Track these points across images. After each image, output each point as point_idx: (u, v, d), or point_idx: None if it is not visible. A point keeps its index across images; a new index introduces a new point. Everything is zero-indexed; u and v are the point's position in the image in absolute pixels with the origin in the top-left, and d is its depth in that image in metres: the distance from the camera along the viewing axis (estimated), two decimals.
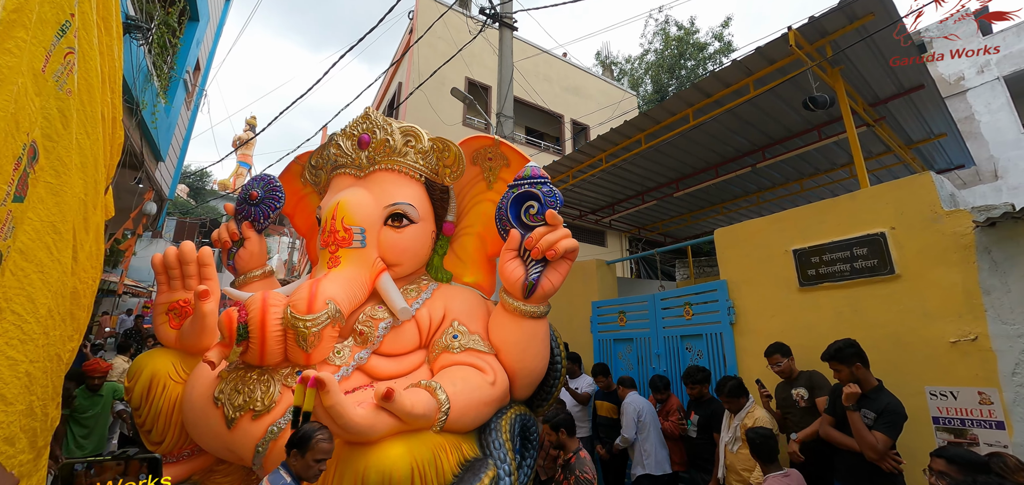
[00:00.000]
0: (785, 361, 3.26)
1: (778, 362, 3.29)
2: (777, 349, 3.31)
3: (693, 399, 3.82)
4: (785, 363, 3.26)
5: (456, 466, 2.43)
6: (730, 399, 3.26)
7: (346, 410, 2.06)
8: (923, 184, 3.06)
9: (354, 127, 3.59)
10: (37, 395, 1.32)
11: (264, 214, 3.70)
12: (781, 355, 3.28)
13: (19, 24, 1.13)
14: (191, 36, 6.90)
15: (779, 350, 3.30)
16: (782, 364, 3.27)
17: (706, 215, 8.94)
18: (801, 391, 3.18)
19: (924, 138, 6.18)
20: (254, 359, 2.58)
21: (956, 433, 2.72)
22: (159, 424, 2.80)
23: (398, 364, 2.96)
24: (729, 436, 3.26)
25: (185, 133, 8.06)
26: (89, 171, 1.55)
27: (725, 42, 19.73)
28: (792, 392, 3.22)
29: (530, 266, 2.92)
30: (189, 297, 3.11)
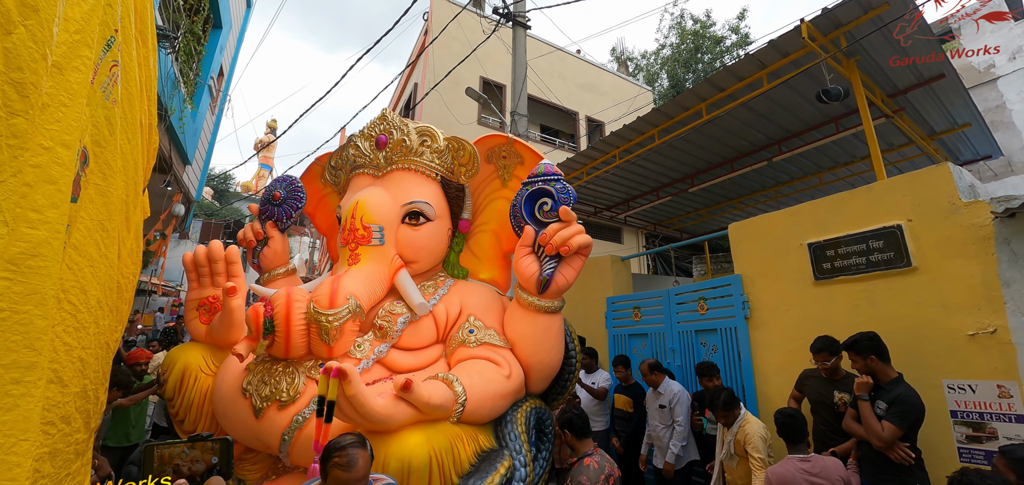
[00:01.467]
0: (834, 359, 3.05)
1: (826, 359, 3.06)
2: (826, 347, 3.07)
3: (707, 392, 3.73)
4: (834, 361, 3.04)
5: (473, 456, 2.51)
6: (724, 412, 3.13)
7: (367, 400, 2.15)
8: (941, 175, 3.03)
9: (372, 128, 3.68)
10: (90, 379, 1.45)
11: (287, 214, 3.84)
12: (829, 353, 3.06)
13: (83, 43, 1.24)
14: (215, 43, 7.13)
15: (828, 348, 3.07)
16: (830, 363, 3.05)
17: (722, 210, 8.87)
18: (845, 396, 2.98)
19: (948, 128, 6.04)
20: (280, 352, 2.70)
21: (974, 427, 2.70)
22: (191, 414, 2.95)
23: (416, 358, 3.05)
24: (724, 452, 3.17)
25: (210, 137, 8.33)
26: (130, 174, 1.67)
27: (742, 35, 19.45)
28: (835, 393, 3.04)
29: (544, 262, 2.98)
30: (218, 294, 3.26)
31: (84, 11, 1.26)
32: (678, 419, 3.81)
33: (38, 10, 1.09)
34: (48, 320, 1.16)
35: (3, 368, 1.05)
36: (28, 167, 1.10)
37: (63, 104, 1.18)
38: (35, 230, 1.13)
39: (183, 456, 1.24)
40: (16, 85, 1.10)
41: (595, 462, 2.65)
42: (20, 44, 1.07)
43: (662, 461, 3.88)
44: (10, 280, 1.08)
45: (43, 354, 1.14)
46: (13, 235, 1.07)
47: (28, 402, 1.11)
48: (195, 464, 1.24)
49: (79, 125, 1.23)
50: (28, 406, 1.12)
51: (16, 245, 1.08)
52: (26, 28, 1.09)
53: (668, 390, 3.93)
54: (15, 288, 1.09)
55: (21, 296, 1.09)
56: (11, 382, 1.06)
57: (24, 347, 1.10)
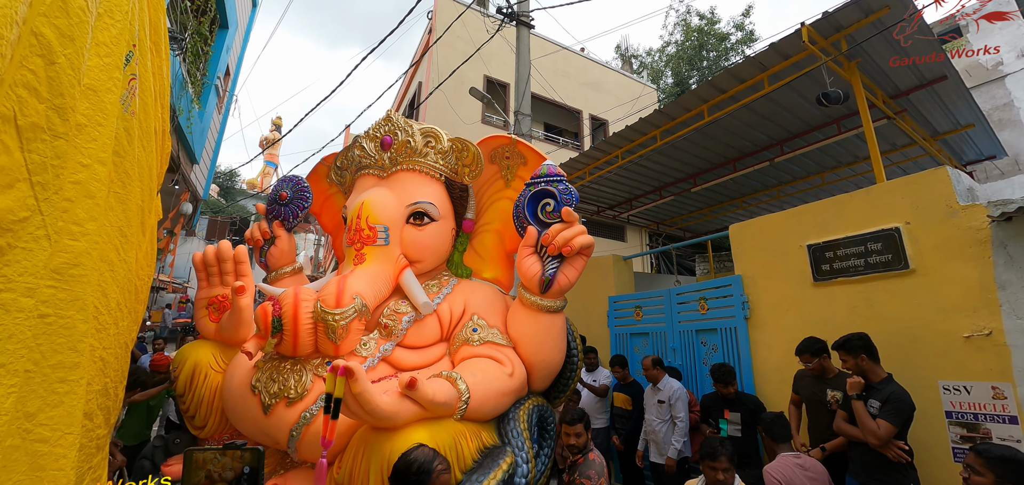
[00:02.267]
0: (816, 360, 3.13)
1: (808, 361, 3.16)
2: (807, 349, 3.17)
3: (726, 397, 3.65)
4: (816, 363, 3.13)
5: (476, 452, 2.56)
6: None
7: (373, 397, 2.20)
8: (939, 178, 3.06)
9: (377, 129, 3.73)
10: (110, 377, 1.52)
11: (293, 214, 3.90)
12: (811, 355, 3.15)
13: (114, 66, 1.31)
14: (221, 43, 7.20)
15: (809, 350, 3.16)
16: (812, 364, 3.15)
17: (725, 210, 8.89)
18: (837, 394, 3.04)
19: (951, 129, 6.04)
20: (287, 350, 2.76)
21: (969, 428, 2.74)
22: (202, 410, 3.02)
23: (421, 356, 3.11)
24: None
25: (217, 136, 8.42)
26: (145, 180, 1.73)
27: (747, 32, 19.39)
28: (827, 392, 3.10)
29: (547, 262, 3.03)
30: (227, 293, 3.33)
31: (113, 35, 1.33)
32: (679, 415, 3.86)
33: (74, 39, 1.16)
34: (89, 324, 1.24)
35: (50, 368, 1.13)
36: (68, 184, 1.17)
37: (99, 124, 1.26)
38: (76, 242, 1.20)
39: (214, 461, 1.30)
40: (58, 110, 1.18)
41: (597, 455, 2.76)
42: (61, 72, 1.15)
43: (658, 456, 3.94)
44: (55, 288, 1.16)
45: (84, 355, 1.22)
46: (56, 247, 1.15)
47: (72, 399, 1.19)
48: (225, 471, 1.29)
49: (112, 142, 1.31)
50: (72, 403, 1.21)
51: (59, 256, 1.16)
52: (66, 57, 1.16)
53: (667, 386, 3.99)
54: (59, 295, 1.17)
55: (65, 303, 1.17)
56: (57, 381, 1.15)
57: (68, 349, 1.18)
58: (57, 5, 1.11)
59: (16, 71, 1.04)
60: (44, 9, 1.09)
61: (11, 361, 1.06)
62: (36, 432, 1.12)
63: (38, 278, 1.13)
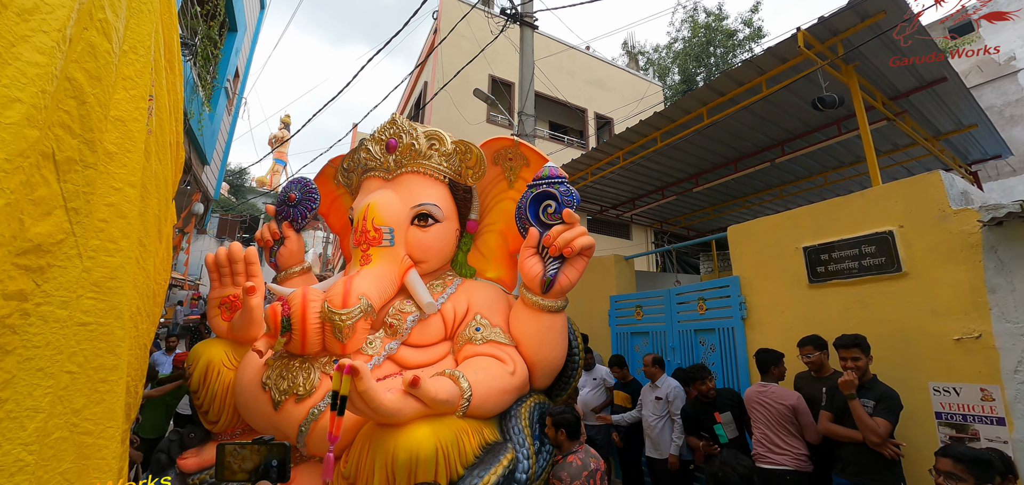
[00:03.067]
0: (817, 354, 3.20)
1: (809, 354, 3.22)
2: (810, 341, 3.24)
3: (708, 399, 3.64)
4: (817, 356, 3.20)
5: (478, 448, 2.64)
6: None
7: (377, 395, 2.30)
8: (932, 182, 3.11)
9: (382, 132, 3.82)
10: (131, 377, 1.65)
11: (302, 214, 4.01)
12: (814, 348, 3.22)
13: (140, 97, 1.45)
14: (230, 46, 7.33)
15: (812, 342, 3.23)
16: (813, 357, 3.21)
17: (728, 209, 8.93)
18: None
19: (953, 129, 6.05)
20: (296, 349, 2.87)
21: (958, 428, 2.80)
22: (215, 406, 3.14)
23: (425, 354, 3.20)
24: None
25: (227, 137, 8.58)
26: (161, 191, 1.85)
27: (755, 28, 19.28)
28: (821, 389, 3.14)
29: (548, 263, 3.10)
30: (238, 292, 3.45)
31: (137, 69, 1.46)
32: (677, 412, 3.94)
33: (101, 79, 1.30)
34: (125, 330, 1.38)
35: (93, 370, 1.27)
36: (102, 206, 1.31)
37: (127, 151, 1.39)
38: (112, 257, 1.35)
39: (234, 453, 1.39)
40: (89, 143, 1.31)
41: (578, 459, 2.73)
42: (91, 110, 1.29)
43: (654, 451, 4.04)
44: (95, 299, 1.30)
45: (122, 358, 1.37)
46: (95, 263, 1.29)
47: (112, 397, 1.34)
48: (245, 462, 1.38)
49: (140, 167, 1.43)
50: (112, 401, 1.36)
51: (98, 271, 1.30)
52: (94, 96, 1.30)
53: (665, 384, 4.07)
54: (99, 306, 1.32)
55: (104, 312, 1.31)
56: (99, 381, 1.29)
57: (108, 353, 1.33)
58: (86, 51, 1.24)
59: (54, 113, 1.17)
60: (75, 56, 1.22)
61: (48, 365, 1.20)
62: (82, 425, 1.26)
63: (72, 292, 1.26)
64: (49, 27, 1.16)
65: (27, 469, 1.12)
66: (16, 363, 1.14)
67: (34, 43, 1.13)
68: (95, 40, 1.27)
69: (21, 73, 1.11)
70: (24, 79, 1.10)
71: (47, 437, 1.17)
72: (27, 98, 1.11)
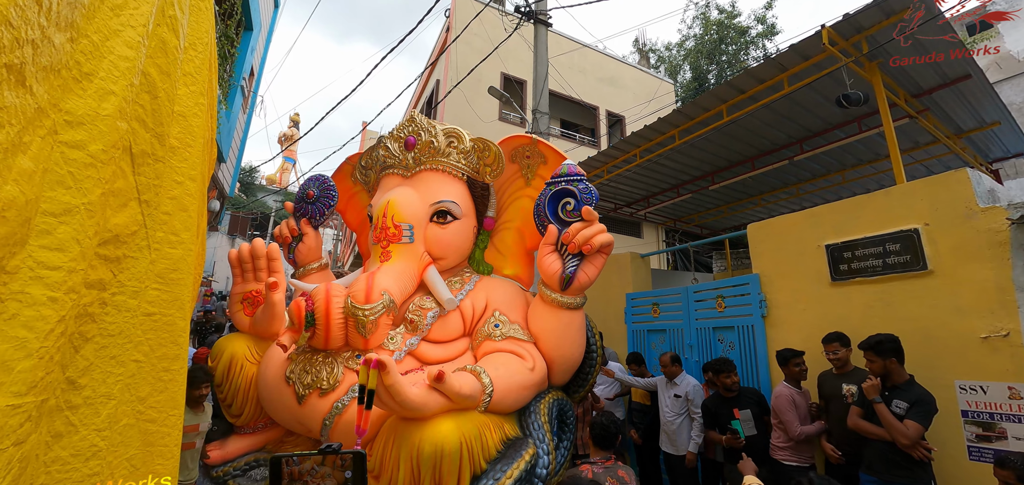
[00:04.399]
0: (843, 351, 3.20)
1: (836, 350, 3.22)
2: (836, 338, 3.24)
3: (730, 394, 3.67)
4: (843, 353, 3.20)
5: (499, 443, 2.66)
6: None
7: (404, 390, 2.32)
8: (958, 180, 3.07)
9: (401, 130, 3.84)
10: None
11: (320, 211, 4.05)
12: (840, 344, 3.21)
13: (200, 93, 1.49)
14: (246, 45, 7.40)
15: (838, 339, 3.23)
16: (839, 354, 3.20)
17: (743, 207, 8.86)
18: (851, 387, 3.11)
19: (976, 127, 5.95)
20: (320, 343, 2.90)
21: (984, 427, 2.77)
22: (238, 399, 3.19)
23: (445, 350, 3.23)
24: None
25: (242, 135, 8.67)
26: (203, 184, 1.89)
27: (768, 25, 19.09)
28: (842, 386, 3.17)
29: (567, 260, 3.10)
30: (260, 288, 3.49)
31: (197, 65, 1.50)
32: (696, 410, 3.94)
33: (170, 74, 1.34)
34: (185, 321, 1.42)
35: (157, 359, 1.32)
36: (166, 199, 1.35)
37: (188, 145, 1.43)
38: (174, 250, 1.40)
39: (312, 473, 1.27)
40: (159, 137, 1.36)
41: (591, 472, 2.61)
42: (161, 105, 1.33)
43: (671, 447, 4.06)
44: (159, 290, 1.35)
45: (183, 348, 1.40)
46: (159, 255, 1.33)
47: (174, 386, 1.40)
48: (325, 480, 1.26)
49: (202, 161, 1.47)
50: (174, 389, 1.42)
51: (161, 262, 1.34)
52: (164, 91, 1.35)
53: (684, 382, 4.07)
54: (163, 297, 1.37)
55: (167, 303, 1.36)
56: (162, 370, 1.33)
57: (170, 343, 1.38)
58: (158, 46, 1.28)
59: (131, 107, 1.20)
60: (150, 51, 1.26)
61: (120, 353, 1.24)
62: (147, 413, 1.30)
63: (141, 282, 1.30)
64: (136, 22, 1.20)
65: (100, 454, 1.16)
66: (94, 351, 1.18)
67: (124, 37, 1.18)
68: (166, 36, 1.30)
69: (114, 66, 1.15)
70: (117, 73, 1.14)
71: (116, 423, 1.21)
72: (119, 91, 1.16)
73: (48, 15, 0.91)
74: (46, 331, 1.00)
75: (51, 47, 0.95)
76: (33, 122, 0.93)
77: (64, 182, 1.05)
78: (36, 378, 0.98)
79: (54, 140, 1.03)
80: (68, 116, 1.06)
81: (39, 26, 0.89)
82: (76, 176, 1.07)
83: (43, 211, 1.01)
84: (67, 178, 1.06)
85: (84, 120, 1.09)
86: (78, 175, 1.08)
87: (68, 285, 1.05)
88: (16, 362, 0.93)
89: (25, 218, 0.95)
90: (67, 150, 1.06)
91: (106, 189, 1.15)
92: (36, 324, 0.98)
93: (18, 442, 0.94)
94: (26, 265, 0.97)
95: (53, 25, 0.92)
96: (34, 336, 0.97)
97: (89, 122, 1.10)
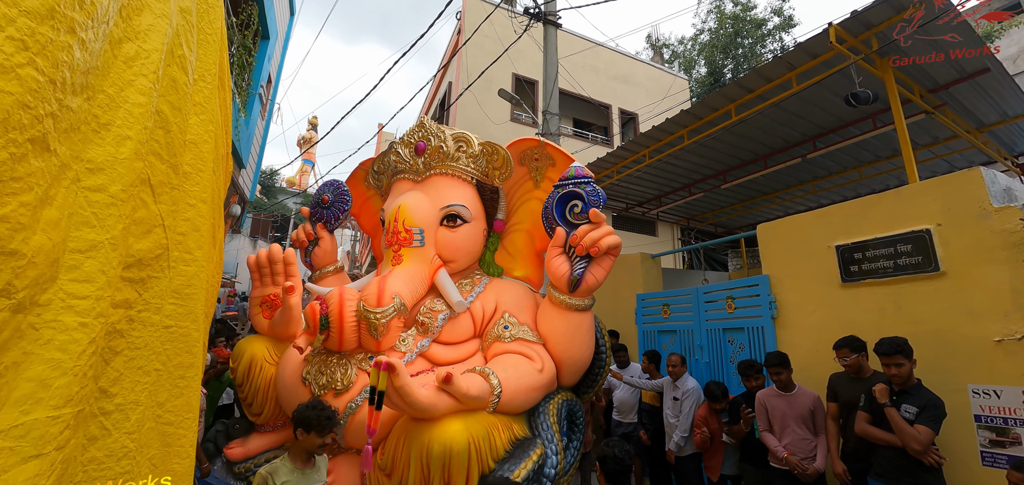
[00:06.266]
0: (854, 357, 3.09)
1: (846, 356, 3.12)
2: (847, 344, 3.13)
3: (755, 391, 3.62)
4: (854, 359, 3.09)
5: (507, 443, 2.72)
6: None
7: (413, 391, 2.40)
8: (971, 180, 3.03)
9: (411, 135, 3.92)
10: None
11: (335, 216, 4.17)
12: (850, 350, 3.11)
13: (210, 121, 1.62)
14: (263, 53, 7.59)
15: (849, 345, 3.13)
16: (850, 360, 3.10)
17: (757, 205, 8.76)
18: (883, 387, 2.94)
19: (998, 121, 5.80)
20: (334, 345, 3.00)
21: (998, 432, 2.72)
22: (258, 399, 3.31)
23: (455, 351, 3.30)
24: None
25: (261, 141, 8.89)
26: (217, 201, 2.00)
27: (785, 17, 18.70)
28: (860, 392, 3.03)
29: (575, 262, 3.14)
30: (278, 292, 3.61)
31: (206, 95, 1.62)
32: (683, 412, 4.02)
33: (181, 109, 1.48)
34: (199, 332, 1.54)
35: (174, 368, 1.44)
36: (181, 221, 1.48)
37: (200, 171, 1.55)
38: (189, 267, 1.54)
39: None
40: (173, 167, 1.50)
41: None
42: (174, 137, 1.49)
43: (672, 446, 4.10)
44: (175, 305, 1.48)
45: (198, 357, 1.53)
46: (175, 272, 1.46)
47: (190, 392, 1.53)
48: None
49: (210, 183, 1.58)
50: (190, 394, 1.56)
51: (177, 279, 1.47)
52: (176, 124, 1.50)
53: (684, 384, 4.13)
54: (179, 310, 1.50)
55: (183, 316, 1.48)
56: (179, 377, 1.46)
57: (186, 352, 1.51)
58: (169, 85, 1.42)
59: (147, 145, 1.31)
60: (161, 90, 1.39)
61: (145, 363, 1.38)
62: (165, 417, 1.44)
63: (163, 299, 1.42)
64: (147, 70, 1.33)
65: (130, 455, 1.29)
66: (123, 363, 1.32)
67: (137, 86, 1.30)
68: (176, 75, 1.43)
69: (129, 113, 1.28)
70: (131, 118, 1.28)
71: (142, 427, 1.34)
72: (134, 135, 1.29)
73: (63, 88, 1.03)
74: (78, 351, 1.13)
75: (69, 112, 1.08)
76: (57, 177, 1.07)
77: (89, 222, 1.18)
78: (71, 392, 1.11)
79: (77, 187, 1.16)
80: (89, 164, 1.19)
81: (55, 100, 1.01)
82: (99, 215, 1.20)
83: (71, 249, 1.14)
84: (91, 219, 1.19)
85: (104, 166, 1.22)
86: (101, 214, 1.21)
87: (96, 311, 1.19)
88: (53, 380, 1.07)
89: (53, 259, 1.08)
90: (90, 194, 1.19)
91: (128, 222, 1.29)
92: (69, 346, 1.11)
93: (59, 447, 1.08)
94: (57, 297, 1.10)
95: (69, 94, 1.05)
96: (68, 357, 1.10)
97: (108, 167, 1.23)
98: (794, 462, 3.12)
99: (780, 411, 3.32)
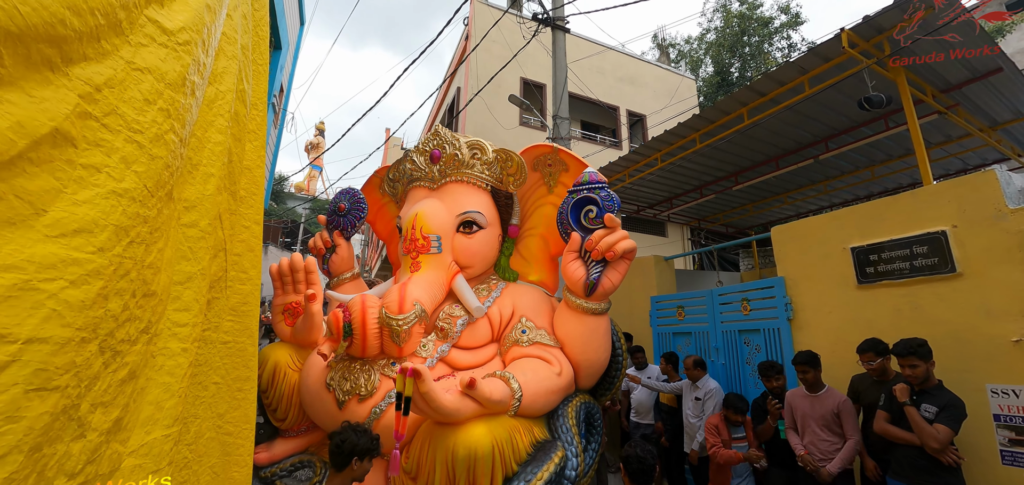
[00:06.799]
0: (879, 360, 3.10)
1: (871, 360, 3.13)
2: (871, 347, 3.14)
3: (776, 391, 3.66)
4: (879, 363, 3.10)
5: (529, 446, 2.77)
6: None
7: (438, 396, 2.45)
8: (987, 181, 3.04)
9: (426, 144, 3.99)
10: None
11: (351, 223, 4.24)
12: (875, 354, 3.12)
13: (261, 146, 1.67)
14: (275, 64, 7.71)
15: (873, 348, 3.14)
16: (875, 364, 3.11)
17: (769, 205, 8.75)
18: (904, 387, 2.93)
19: (1012, 119, 5.78)
20: (357, 352, 3.07)
21: (1017, 431, 2.74)
22: (282, 405, 3.38)
23: (474, 356, 3.35)
24: None
25: (274, 149, 9.02)
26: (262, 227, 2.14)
27: (793, 14, 18.62)
28: (882, 393, 3.04)
29: (591, 266, 3.18)
30: (300, 299, 3.68)
31: (259, 122, 1.72)
32: (706, 412, 4.03)
33: (240, 140, 1.64)
34: (254, 347, 1.62)
35: (232, 381, 1.53)
36: (237, 242, 1.56)
37: (254, 194, 1.64)
38: (244, 285, 1.63)
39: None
40: (233, 194, 1.63)
41: None
42: (234, 167, 1.64)
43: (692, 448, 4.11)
44: (233, 322, 1.58)
45: (254, 370, 1.61)
46: (232, 291, 1.55)
47: (247, 404, 1.62)
48: None
49: (261, 205, 1.67)
50: (247, 406, 1.65)
51: (234, 297, 1.56)
52: (236, 154, 1.64)
53: (705, 385, 4.13)
54: (236, 327, 1.59)
55: (239, 332, 1.57)
56: (236, 390, 1.54)
57: (243, 366, 1.59)
58: (233, 119, 1.51)
59: (225, 178, 1.42)
60: (226, 124, 1.46)
61: (204, 378, 1.47)
62: (225, 428, 1.53)
63: (221, 317, 1.52)
64: (223, 111, 1.45)
65: (189, 465, 1.37)
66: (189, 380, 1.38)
67: (217, 126, 1.42)
68: (239, 109, 1.54)
69: (212, 153, 1.40)
70: (213, 157, 1.40)
71: (201, 438, 1.42)
72: (217, 172, 1.42)
73: (184, 143, 1.16)
74: (182, 374, 1.24)
75: (181, 161, 1.20)
76: (170, 220, 1.18)
77: (186, 256, 1.30)
78: (177, 412, 1.23)
79: (178, 224, 1.27)
80: (186, 203, 1.31)
81: (181, 156, 1.15)
82: (193, 249, 1.32)
83: (174, 282, 1.25)
84: (188, 252, 1.31)
85: (196, 203, 1.34)
86: (194, 247, 1.33)
87: (193, 336, 1.30)
88: (165, 401, 1.18)
89: (168, 293, 1.20)
90: (186, 229, 1.31)
91: (214, 252, 1.36)
92: (176, 371, 1.23)
93: (170, 462, 1.21)
94: (166, 327, 1.22)
95: (186, 147, 1.14)
96: (175, 380, 1.22)
97: (198, 204, 1.35)
98: (807, 461, 3.15)
99: (802, 411, 3.34)
